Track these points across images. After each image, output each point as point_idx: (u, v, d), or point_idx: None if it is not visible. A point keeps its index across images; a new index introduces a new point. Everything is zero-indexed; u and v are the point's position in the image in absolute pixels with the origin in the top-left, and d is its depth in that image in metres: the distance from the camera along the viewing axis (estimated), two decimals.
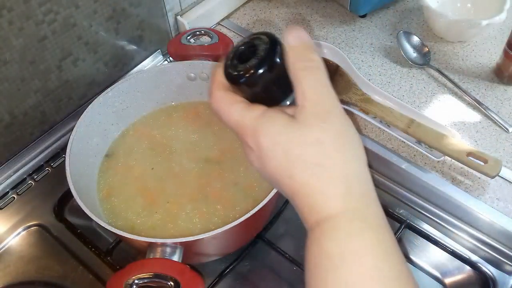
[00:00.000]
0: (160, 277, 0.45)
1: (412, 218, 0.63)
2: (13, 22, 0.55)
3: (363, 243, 0.26)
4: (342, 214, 0.26)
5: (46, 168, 0.68)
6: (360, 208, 0.27)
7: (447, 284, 0.59)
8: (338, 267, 0.25)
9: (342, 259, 0.25)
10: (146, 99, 0.66)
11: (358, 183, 0.27)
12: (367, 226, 0.26)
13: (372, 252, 0.26)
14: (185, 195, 0.58)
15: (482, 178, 0.61)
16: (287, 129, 0.28)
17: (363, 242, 0.26)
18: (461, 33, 0.77)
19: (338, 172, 0.27)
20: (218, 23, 0.86)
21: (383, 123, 0.66)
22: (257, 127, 0.29)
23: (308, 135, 0.27)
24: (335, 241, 0.26)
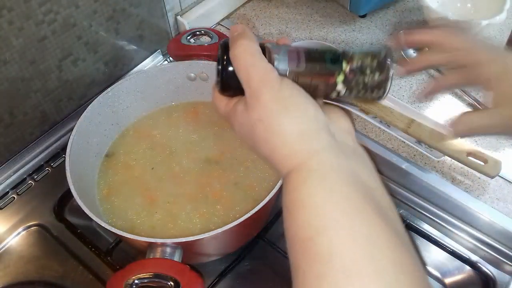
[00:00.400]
0: (160, 277, 0.45)
1: (412, 218, 0.63)
2: (13, 22, 0.55)
3: (306, 191, 0.30)
4: (293, 171, 0.31)
5: (46, 168, 0.68)
6: (305, 161, 0.31)
7: (447, 284, 0.59)
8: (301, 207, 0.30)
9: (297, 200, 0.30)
10: (146, 99, 0.66)
11: (302, 141, 0.31)
12: (311, 175, 0.30)
13: (320, 187, 0.29)
14: (185, 195, 0.58)
15: (482, 178, 0.61)
16: (242, 117, 0.34)
17: (306, 189, 0.30)
18: None
19: (280, 141, 0.32)
20: (218, 23, 0.86)
21: (383, 123, 0.66)
22: (228, 116, 0.37)
23: (251, 118, 0.33)
24: (291, 191, 0.31)
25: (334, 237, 0.27)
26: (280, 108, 0.32)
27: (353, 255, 0.26)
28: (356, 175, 0.31)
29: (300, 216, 0.29)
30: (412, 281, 0.26)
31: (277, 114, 0.32)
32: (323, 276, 0.26)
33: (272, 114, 0.32)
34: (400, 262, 0.27)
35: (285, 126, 0.32)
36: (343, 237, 0.27)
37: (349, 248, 0.26)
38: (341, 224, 0.27)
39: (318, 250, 0.27)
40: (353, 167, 0.32)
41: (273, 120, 0.32)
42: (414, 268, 0.27)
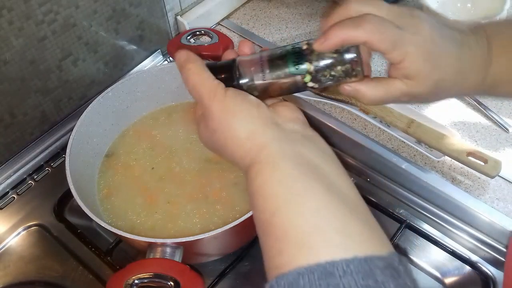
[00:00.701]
0: (160, 277, 0.45)
1: (412, 218, 0.63)
2: (13, 22, 0.55)
3: (260, 181, 0.33)
4: (249, 167, 0.35)
5: (46, 168, 0.68)
6: (257, 155, 0.35)
7: (447, 284, 0.59)
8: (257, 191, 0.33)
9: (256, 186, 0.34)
10: (146, 99, 0.66)
11: (251, 139, 0.35)
12: (263, 166, 0.34)
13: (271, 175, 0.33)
14: (185, 195, 0.58)
15: (482, 178, 0.61)
16: (203, 130, 0.39)
17: (260, 180, 0.33)
18: None
19: (235, 144, 0.36)
20: (218, 23, 0.86)
21: (383, 123, 0.67)
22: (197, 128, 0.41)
23: (209, 130, 0.38)
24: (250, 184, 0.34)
25: (286, 216, 0.30)
26: (228, 116, 0.36)
27: (303, 229, 0.29)
28: (303, 157, 0.34)
29: (258, 203, 0.33)
30: (359, 246, 0.28)
31: (226, 122, 0.36)
32: (281, 252, 0.29)
33: (223, 123, 0.37)
34: (346, 229, 0.29)
35: (235, 130, 0.36)
36: (294, 214, 0.30)
37: (299, 224, 0.30)
38: (291, 203, 0.31)
39: (275, 229, 0.31)
40: (300, 149, 0.35)
41: (225, 128, 0.36)
42: (361, 233, 0.29)
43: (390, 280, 0.26)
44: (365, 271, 0.26)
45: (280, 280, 0.28)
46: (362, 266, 0.27)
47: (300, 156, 0.34)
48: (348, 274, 0.26)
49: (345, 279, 0.26)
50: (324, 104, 0.70)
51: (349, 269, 0.26)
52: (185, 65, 0.39)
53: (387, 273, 0.27)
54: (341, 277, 0.26)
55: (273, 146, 0.34)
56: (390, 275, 0.27)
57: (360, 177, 0.68)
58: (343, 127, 0.67)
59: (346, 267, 0.26)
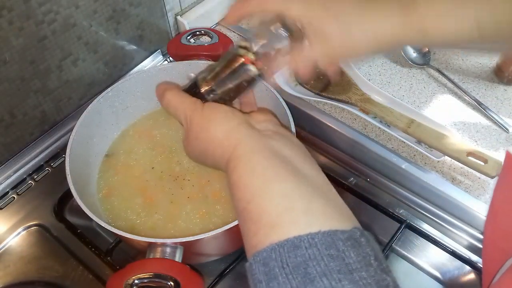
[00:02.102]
0: (160, 277, 0.45)
1: (412, 218, 0.63)
2: (13, 22, 0.55)
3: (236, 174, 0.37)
4: (227, 163, 0.39)
5: (46, 168, 0.68)
6: (233, 152, 0.38)
7: (447, 284, 0.59)
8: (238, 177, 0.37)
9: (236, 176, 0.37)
10: (146, 99, 0.66)
11: (227, 137, 0.39)
12: (238, 161, 0.38)
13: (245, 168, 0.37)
14: (185, 195, 0.58)
15: (482, 178, 0.61)
16: (186, 141, 0.45)
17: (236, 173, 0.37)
18: None
19: (214, 144, 0.40)
20: (218, 23, 0.86)
21: (383, 123, 0.67)
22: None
23: (191, 138, 0.43)
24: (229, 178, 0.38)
25: (259, 201, 0.34)
26: (206, 122, 0.41)
27: (274, 211, 0.33)
28: (273, 149, 0.38)
29: (236, 194, 0.36)
30: (323, 222, 0.32)
31: (206, 127, 0.41)
32: (257, 233, 0.33)
33: (203, 129, 0.41)
34: (312, 209, 0.33)
35: (214, 132, 0.40)
36: (266, 199, 0.34)
37: (270, 207, 0.33)
38: (263, 190, 0.34)
39: (251, 214, 0.34)
40: (270, 143, 0.38)
41: (204, 133, 0.41)
42: (325, 211, 0.33)
43: (351, 249, 0.29)
44: (328, 242, 0.30)
45: (256, 257, 0.31)
46: (325, 238, 0.30)
47: (270, 149, 0.38)
48: (313, 246, 0.30)
49: (311, 250, 0.29)
50: (324, 104, 0.70)
51: (314, 241, 0.30)
52: (164, 93, 0.45)
53: (348, 244, 0.30)
54: (307, 248, 0.29)
55: (246, 142, 0.38)
56: (351, 245, 0.30)
57: (360, 177, 0.68)
58: (343, 127, 0.67)
59: (311, 240, 0.30)
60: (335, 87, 0.70)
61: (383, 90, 0.69)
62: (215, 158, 0.41)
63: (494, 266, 0.42)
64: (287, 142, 0.40)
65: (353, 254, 0.29)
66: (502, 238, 0.43)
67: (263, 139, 0.39)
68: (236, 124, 0.40)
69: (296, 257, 0.29)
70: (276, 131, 0.41)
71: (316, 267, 0.28)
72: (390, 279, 0.29)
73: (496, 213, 0.45)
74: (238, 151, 0.38)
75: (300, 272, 0.28)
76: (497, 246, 0.44)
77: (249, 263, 0.32)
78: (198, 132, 0.42)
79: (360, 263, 0.29)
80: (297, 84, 0.73)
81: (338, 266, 0.28)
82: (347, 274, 0.28)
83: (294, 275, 0.29)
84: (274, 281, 0.29)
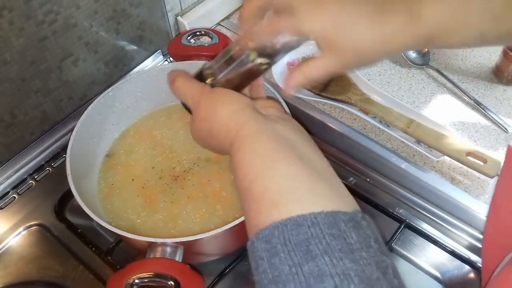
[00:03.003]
0: (160, 277, 0.45)
1: (411, 218, 0.63)
2: (13, 22, 0.55)
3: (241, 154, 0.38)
4: (232, 144, 0.39)
5: (47, 168, 0.68)
6: (238, 132, 0.39)
7: (447, 284, 0.59)
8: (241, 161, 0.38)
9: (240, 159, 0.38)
10: (147, 99, 0.67)
11: (233, 118, 0.40)
12: (243, 141, 0.38)
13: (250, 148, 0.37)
14: (185, 195, 0.59)
15: (481, 178, 0.61)
16: (192, 123, 0.45)
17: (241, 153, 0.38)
18: None
19: (220, 125, 0.41)
20: (218, 24, 0.86)
21: (382, 123, 0.67)
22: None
23: (197, 120, 0.43)
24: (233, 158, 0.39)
25: (263, 181, 0.34)
26: (213, 103, 0.42)
27: (277, 190, 0.33)
28: (278, 132, 0.38)
29: (240, 173, 0.37)
30: (326, 203, 0.32)
31: (212, 108, 0.42)
32: (259, 211, 0.33)
33: (209, 110, 0.42)
34: (315, 189, 0.33)
35: (220, 112, 0.41)
36: (270, 179, 0.34)
37: (274, 186, 0.34)
38: (267, 170, 0.35)
39: (254, 193, 0.34)
40: (275, 126, 0.39)
41: (211, 113, 0.42)
42: (328, 193, 0.33)
43: (352, 230, 0.30)
44: (330, 222, 0.30)
45: (259, 235, 0.32)
46: (328, 218, 0.30)
47: (275, 131, 0.38)
48: (316, 225, 0.30)
49: (313, 229, 0.30)
50: (324, 104, 0.70)
51: (316, 220, 0.30)
52: (175, 79, 0.46)
53: (349, 225, 0.30)
54: (310, 227, 0.30)
55: (251, 124, 0.39)
56: (353, 226, 0.30)
57: (360, 177, 0.68)
58: (343, 127, 0.68)
59: (314, 219, 0.30)
60: (335, 87, 0.71)
61: (383, 90, 0.69)
62: (220, 140, 0.41)
63: (494, 262, 0.42)
64: (291, 126, 0.40)
65: (354, 235, 0.30)
66: (503, 234, 0.44)
67: (268, 122, 0.40)
68: (242, 107, 0.41)
69: (298, 234, 0.30)
70: (281, 117, 0.42)
71: (318, 245, 0.29)
72: (389, 261, 0.30)
73: (498, 209, 0.45)
74: (243, 132, 0.39)
75: (302, 249, 0.29)
76: (498, 242, 0.44)
77: (250, 241, 0.33)
78: (205, 113, 0.42)
79: (361, 244, 0.29)
80: None
81: (340, 245, 0.29)
82: (348, 253, 0.28)
83: (296, 252, 0.29)
84: (275, 257, 0.30)
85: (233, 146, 0.39)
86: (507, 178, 0.43)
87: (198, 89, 0.44)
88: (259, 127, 0.39)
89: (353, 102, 0.68)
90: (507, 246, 0.42)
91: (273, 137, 0.38)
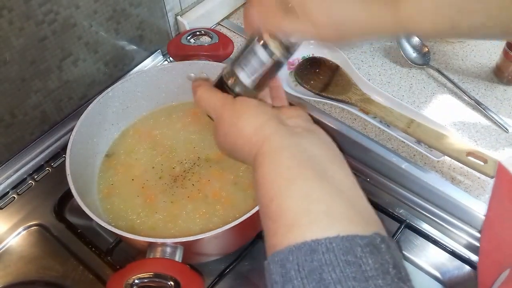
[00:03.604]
0: (160, 277, 0.45)
1: (411, 218, 0.63)
2: (13, 22, 0.55)
3: (262, 171, 0.37)
4: (255, 159, 0.39)
5: (47, 168, 0.68)
6: (261, 147, 0.39)
7: (447, 284, 0.59)
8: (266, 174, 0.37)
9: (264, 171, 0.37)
10: (146, 99, 0.66)
11: (256, 133, 0.40)
12: (265, 157, 0.38)
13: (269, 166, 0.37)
14: (185, 195, 0.59)
15: (481, 178, 0.61)
16: (216, 136, 0.44)
17: (262, 169, 0.37)
18: None
19: (243, 140, 0.40)
20: (218, 23, 0.86)
21: (383, 123, 0.67)
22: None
23: (221, 133, 0.43)
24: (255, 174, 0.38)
25: (280, 201, 0.34)
26: (236, 117, 0.41)
27: (293, 212, 0.33)
28: (301, 148, 0.37)
29: (260, 190, 0.36)
30: (342, 226, 0.31)
31: (235, 123, 0.41)
32: (276, 232, 0.33)
33: (232, 124, 0.41)
34: (332, 212, 0.32)
35: (243, 127, 0.40)
36: (286, 199, 0.34)
37: (290, 207, 0.33)
38: (284, 189, 0.34)
39: (272, 212, 0.34)
40: (299, 141, 0.38)
41: (234, 128, 0.41)
42: (346, 215, 0.32)
43: (369, 256, 0.29)
44: (346, 247, 0.29)
45: (275, 257, 0.31)
46: (343, 243, 0.29)
47: (298, 147, 0.37)
48: (330, 251, 0.29)
49: (327, 255, 0.29)
50: (324, 104, 0.70)
51: (331, 246, 0.29)
52: (196, 89, 0.46)
53: (366, 250, 0.29)
54: (324, 253, 0.29)
55: (274, 139, 0.38)
56: (370, 252, 0.29)
57: (360, 177, 0.68)
58: (343, 127, 0.67)
59: (329, 244, 0.29)
60: (335, 87, 0.71)
61: (383, 90, 0.69)
62: (244, 154, 0.41)
63: (490, 278, 0.42)
64: (316, 140, 0.39)
65: (370, 261, 0.29)
66: (497, 250, 0.43)
67: (291, 136, 0.38)
68: (265, 120, 0.40)
69: (312, 261, 0.29)
70: (307, 128, 0.41)
71: (332, 273, 0.28)
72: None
73: (492, 225, 0.45)
74: (265, 148, 0.38)
75: (315, 278, 0.28)
76: (493, 258, 0.44)
77: (267, 262, 0.32)
78: (228, 127, 0.42)
79: (377, 271, 0.28)
80: (297, 84, 0.73)
81: (354, 273, 0.28)
82: (362, 282, 0.28)
83: (309, 280, 0.28)
84: (289, 283, 0.29)
85: (255, 161, 0.39)
86: (498, 194, 0.43)
87: (219, 100, 0.43)
88: (281, 142, 0.38)
89: (353, 102, 0.68)
90: (502, 263, 0.41)
91: (294, 154, 0.37)
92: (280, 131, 0.39)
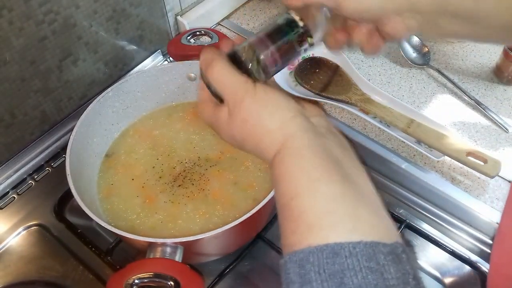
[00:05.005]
0: (160, 277, 0.45)
1: (411, 218, 0.63)
2: (13, 22, 0.55)
3: (283, 167, 0.36)
4: (276, 154, 0.37)
5: (47, 168, 0.68)
6: (284, 143, 0.37)
7: (447, 284, 0.59)
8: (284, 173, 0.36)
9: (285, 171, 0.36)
10: (146, 99, 0.66)
11: (280, 128, 0.38)
12: (287, 153, 0.36)
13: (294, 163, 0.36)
14: (185, 195, 0.59)
15: (481, 178, 0.61)
16: (227, 121, 0.40)
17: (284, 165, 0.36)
18: None
19: (264, 132, 0.38)
20: (218, 23, 0.86)
21: (383, 123, 0.67)
22: (212, 123, 0.43)
23: (236, 120, 0.39)
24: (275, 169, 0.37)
25: (302, 200, 0.33)
26: (259, 107, 0.39)
27: (316, 212, 0.32)
28: (326, 149, 0.36)
29: (280, 187, 0.35)
30: (366, 232, 0.30)
31: (257, 112, 0.39)
32: (295, 231, 0.32)
33: (253, 113, 0.39)
34: (356, 216, 0.31)
35: (265, 119, 0.38)
36: (310, 199, 0.33)
37: (313, 207, 0.32)
38: (308, 189, 0.33)
39: (292, 211, 0.33)
40: (324, 141, 0.37)
41: (256, 117, 0.38)
42: (370, 221, 0.32)
43: (391, 264, 0.28)
44: (369, 254, 0.29)
45: (293, 256, 0.30)
46: (366, 249, 0.29)
47: (323, 147, 0.36)
48: (353, 256, 0.28)
49: (350, 260, 0.28)
50: (324, 104, 0.70)
51: (355, 251, 0.29)
52: (212, 63, 0.40)
53: (389, 258, 0.29)
54: (347, 257, 0.28)
55: (300, 136, 0.37)
56: (392, 260, 0.29)
57: None
58: (343, 127, 0.68)
59: (352, 249, 0.29)
60: (335, 87, 0.71)
61: (383, 90, 0.69)
62: (261, 146, 0.39)
63: None
64: (338, 142, 0.39)
65: (392, 270, 0.28)
66: (508, 264, 0.43)
67: (317, 136, 0.37)
68: (292, 116, 0.38)
69: (334, 264, 0.28)
70: (330, 129, 0.40)
71: (353, 278, 0.28)
72: None
73: (504, 239, 0.44)
74: (289, 144, 0.37)
75: (336, 281, 0.28)
76: (503, 272, 0.44)
77: (284, 261, 0.31)
78: (249, 116, 0.39)
79: (398, 280, 0.28)
80: (297, 84, 0.73)
81: (376, 281, 0.28)
82: None
83: (329, 283, 0.28)
84: (308, 285, 0.29)
85: (276, 156, 0.37)
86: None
87: (241, 85, 0.39)
88: (308, 140, 0.37)
89: (353, 102, 0.68)
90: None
91: (320, 153, 0.35)
92: (307, 128, 0.37)
